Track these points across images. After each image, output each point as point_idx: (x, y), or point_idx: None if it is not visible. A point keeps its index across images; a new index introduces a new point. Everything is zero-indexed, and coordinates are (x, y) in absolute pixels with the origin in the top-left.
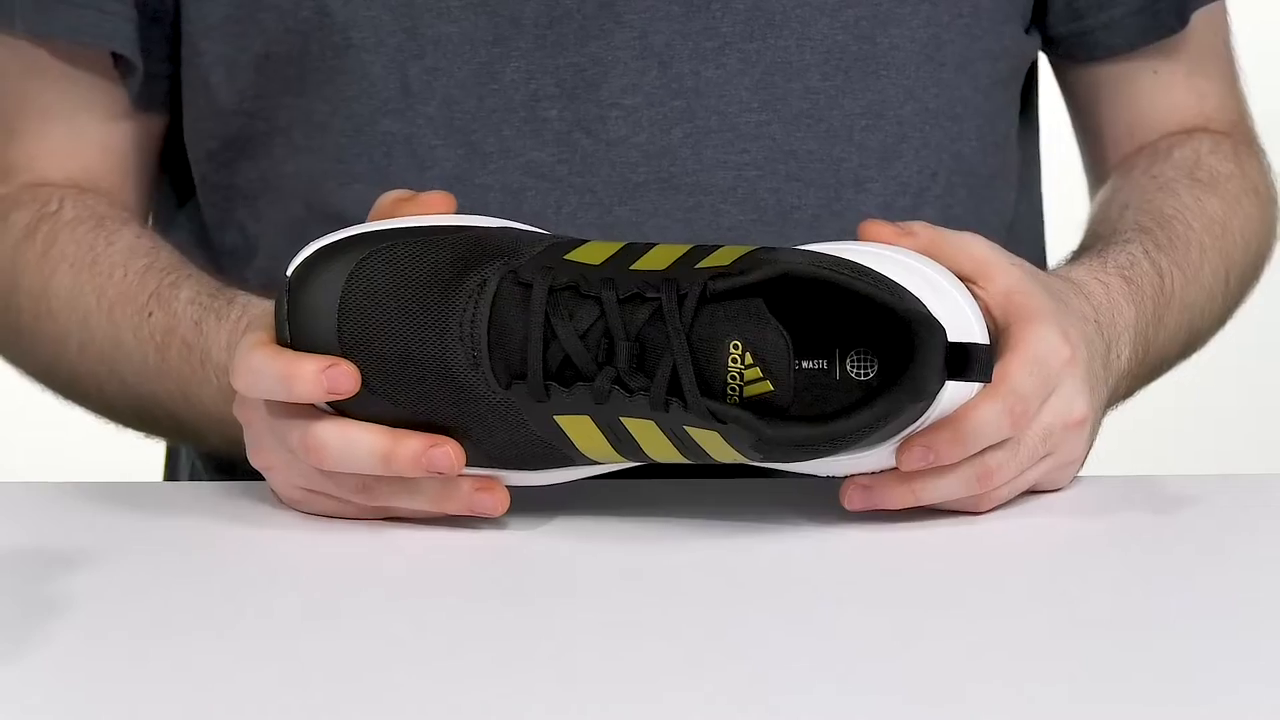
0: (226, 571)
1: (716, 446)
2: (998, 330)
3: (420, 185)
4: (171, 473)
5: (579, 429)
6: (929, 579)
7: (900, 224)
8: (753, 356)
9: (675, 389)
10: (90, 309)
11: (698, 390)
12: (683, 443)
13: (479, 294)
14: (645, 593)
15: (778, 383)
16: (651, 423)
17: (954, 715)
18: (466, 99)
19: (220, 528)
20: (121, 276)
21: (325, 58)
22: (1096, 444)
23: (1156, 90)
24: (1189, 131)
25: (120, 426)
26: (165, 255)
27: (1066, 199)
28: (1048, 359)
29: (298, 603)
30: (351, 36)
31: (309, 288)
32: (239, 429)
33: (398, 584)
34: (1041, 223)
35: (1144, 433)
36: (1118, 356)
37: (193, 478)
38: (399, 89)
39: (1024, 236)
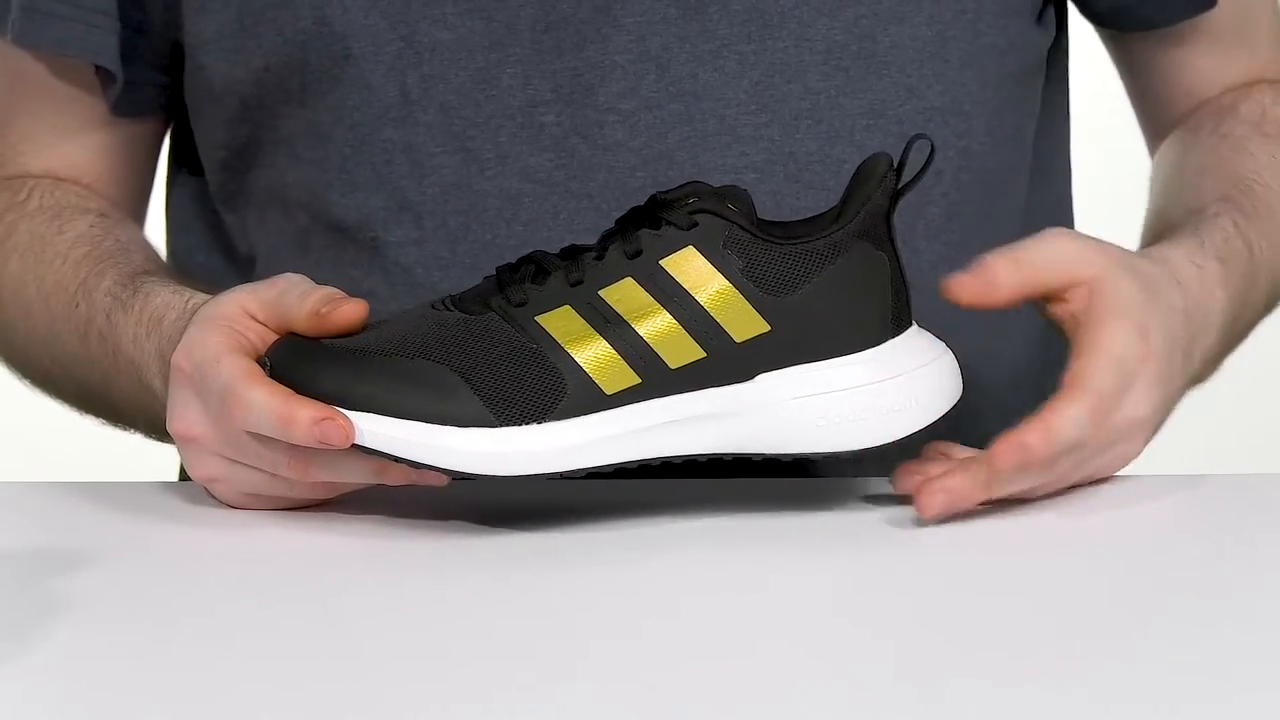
0: (227, 571)
1: (694, 273)
2: (1077, 324)
3: (420, 192)
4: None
5: (561, 323)
6: (928, 580)
7: (976, 272)
8: (713, 199)
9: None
10: (31, 298)
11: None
12: (664, 291)
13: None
14: (643, 593)
15: (741, 204)
16: (630, 280)
17: (955, 715)
18: (464, 105)
19: (221, 527)
20: (60, 265)
21: (325, 68)
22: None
23: (1210, 51)
24: (1249, 84)
25: (76, 412)
26: (108, 244)
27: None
28: (1126, 358)
29: (300, 602)
30: (350, 46)
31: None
32: (159, 415)
33: (400, 584)
34: (1069, 211)
35: None
36: (1203, 344)
37: None
38: (399, 97)
39: (1042, 226)
